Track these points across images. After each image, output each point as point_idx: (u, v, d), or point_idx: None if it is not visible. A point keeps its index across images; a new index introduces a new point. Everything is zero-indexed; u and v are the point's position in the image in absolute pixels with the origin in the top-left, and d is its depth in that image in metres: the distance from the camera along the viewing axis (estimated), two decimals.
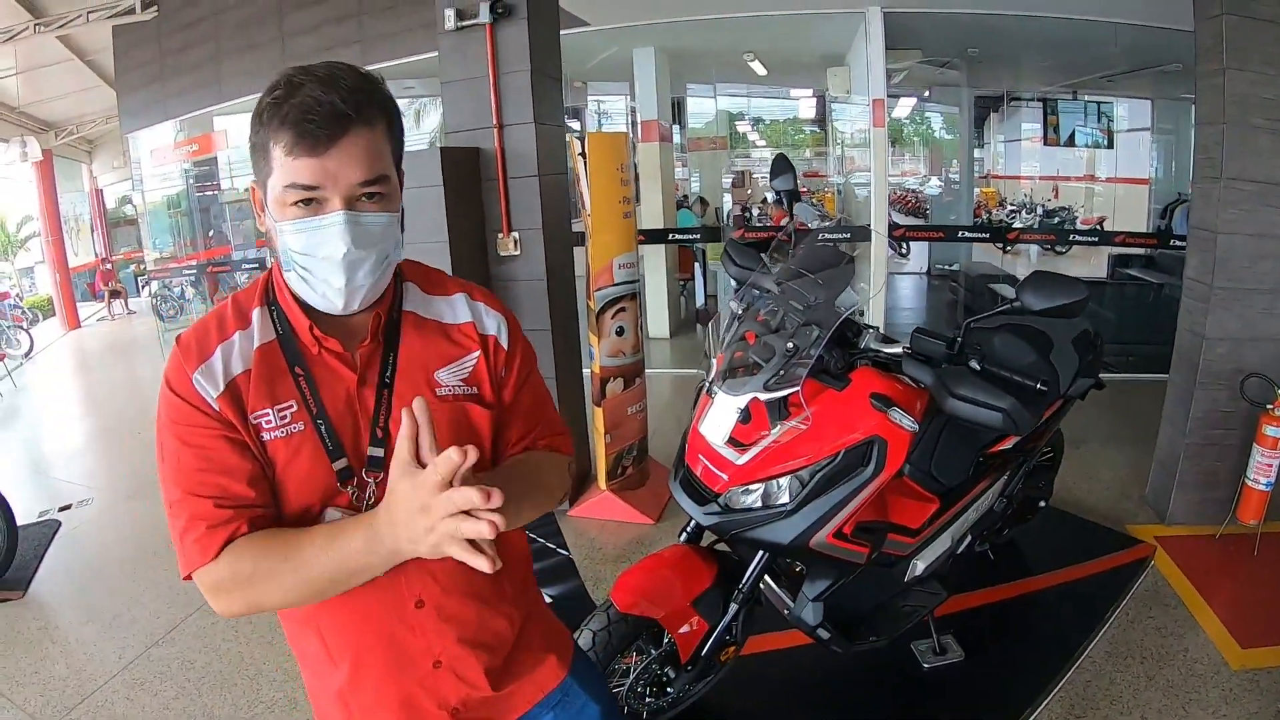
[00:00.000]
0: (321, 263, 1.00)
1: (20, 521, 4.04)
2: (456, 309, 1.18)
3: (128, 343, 11.67)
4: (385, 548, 0.93)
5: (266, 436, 1.03)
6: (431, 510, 0.86)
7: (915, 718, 2.55)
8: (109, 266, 14.92)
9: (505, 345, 1.18)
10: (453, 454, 0.83)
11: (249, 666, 3.02)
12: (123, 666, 3.09)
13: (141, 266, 12.92)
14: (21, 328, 11.66)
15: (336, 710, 1.15)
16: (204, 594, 1.01)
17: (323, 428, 1.05)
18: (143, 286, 14.88)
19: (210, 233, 9.59)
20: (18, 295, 14.36)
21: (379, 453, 1.06)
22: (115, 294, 14.63)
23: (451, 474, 0.85)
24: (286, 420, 1.03)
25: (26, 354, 10.97)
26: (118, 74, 8.46)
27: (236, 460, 1.01)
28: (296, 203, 0.97)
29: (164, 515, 1.02)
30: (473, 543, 0.86)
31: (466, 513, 0.85)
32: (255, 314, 1.09)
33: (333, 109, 0.94)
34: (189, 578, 1.01)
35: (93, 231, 17.02)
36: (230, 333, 1.06)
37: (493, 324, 1.18)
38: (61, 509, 4.79)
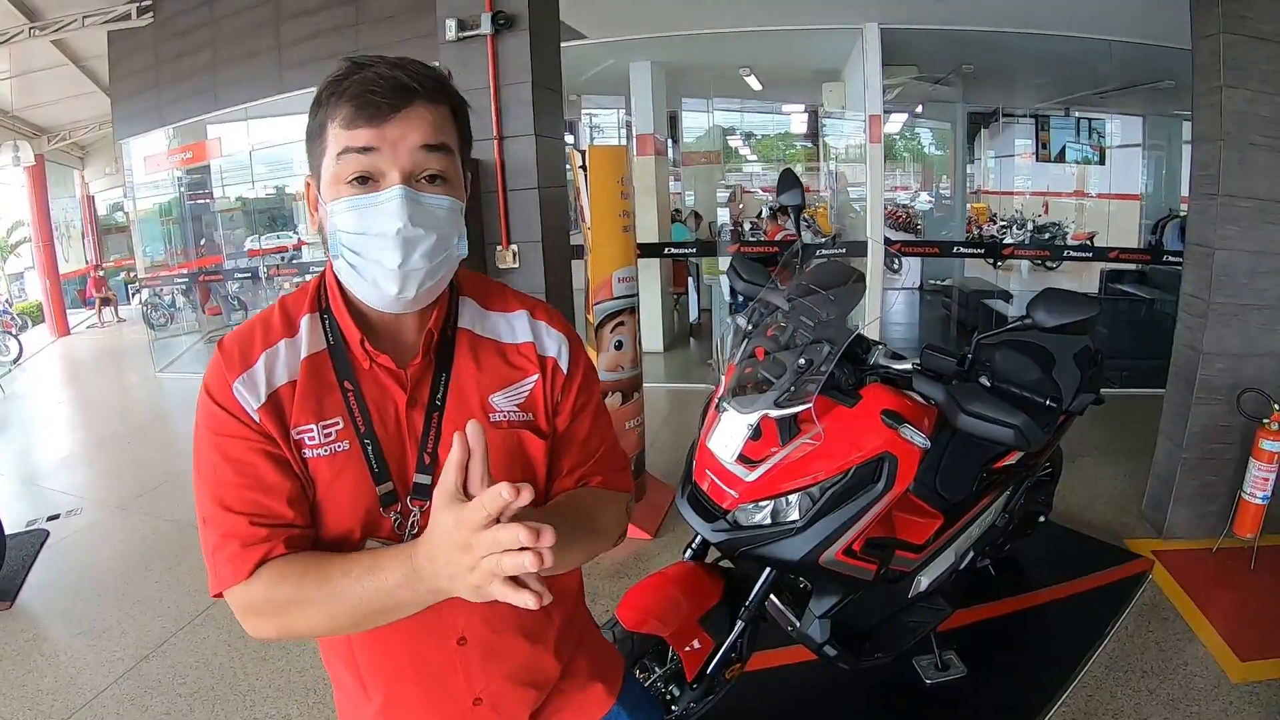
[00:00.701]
0: (374, 240, 0.92)
1: (8, 530, 3.99)
2: (516, 328, 1.10)
3: (118, 351, 11.59)
4: (424, 585, 0.84)
5: (309, 454, 0.96)
6: (474, 549, 0.76)
7: None
8: (100, 274, 14.85)
9: (565, 368, 1.10)
10: (504, 491, 0.73)
11: (241, 682, 2.98)
12: (112, 680, 3.04)
13: (132, 274, 12.86)
14: (11, 334, 11.57)
15: None
16: (235, 614, 0.96)
17: (369, 448, 0.98)
18: (133, 294, 14.82)
19: (202, 241, 9.57)
20: (7, 301, 14.29)
21: (425, 479, 0.99)
22: (106, 301, 14.55)
23: (500, 512, 0.75)
24: (331, 438, 0.97)
25: (15, 360, 10.88)
26: (112, 80, 8.46)
27: (276, 477, 0.94)
28: (352, 180, 0.91)
29: (156, 526, 1.01)
30: (516, 579, 0.77)
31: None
32: (304, 321, 1.01)
33: (397, 81, 0.90)
34: (219, 595, 0.95)
35: (84, 238, 16.94)
36: (275, 340, 0.99)
37: (553, 345, 1.11)
38: (50, 518, 4.72)
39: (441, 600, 0.87)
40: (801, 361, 1.81)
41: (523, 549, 0.74)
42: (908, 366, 1.97)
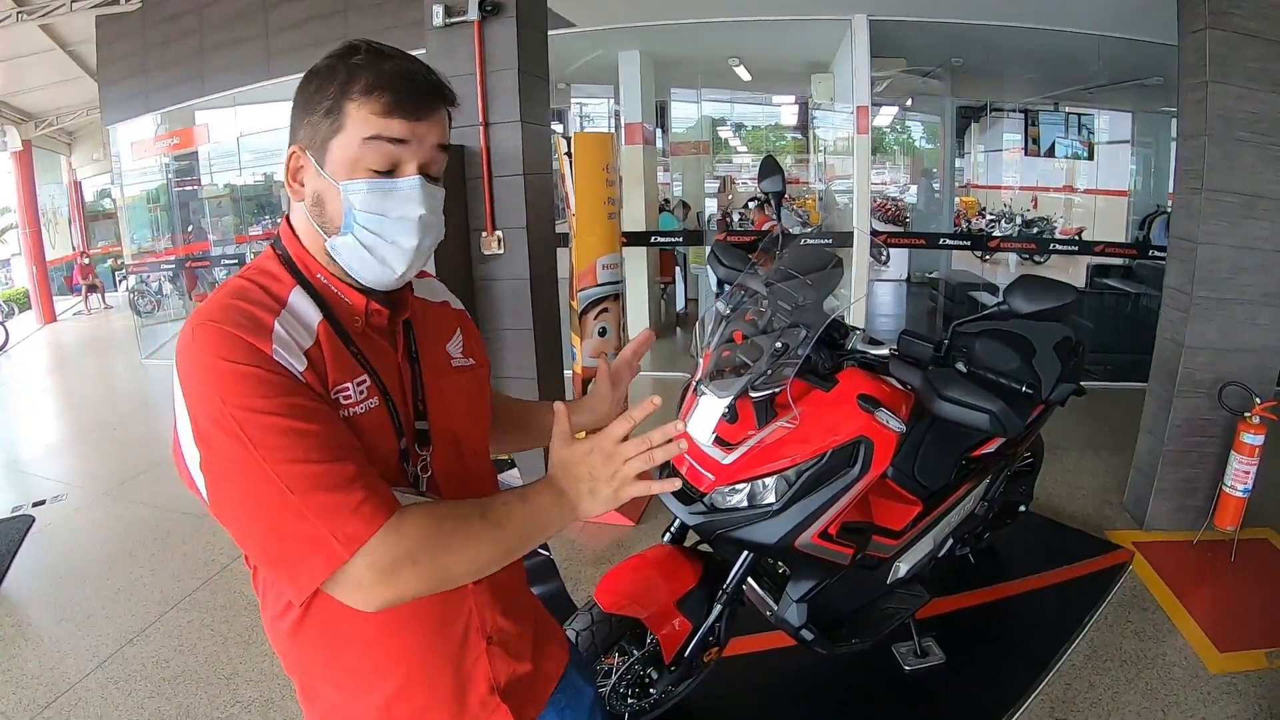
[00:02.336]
0: (395, 223, 0.99)
1: None
2: (434, 288, 1.25)
3: (105, 338, 11.52)
4: (567, 501, 1.00)
5: (346, 413, 0.95)
6: (616, 456, 0.98)
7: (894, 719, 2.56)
8: (87, 260, 14.74)
9: (470, 319, 1.28)
10: (655, 399, 1.01)
11: (225, 666, 2.98)
12: (97, 664, 3.04)
13: (119, 261, 12.78)
14: None
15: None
16: (370, 581, 0.87)
17: (390, 403, 1.02)
18: (120, 281, 14.72)
19: (189, 228, 9.51)
20: None
21: (424, 425, 1.06)
22: (93, 288, 14.45)
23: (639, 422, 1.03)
24: (364, 395, 0.98)
25: (2, 347, 10.81)
26: (100, 65, 8.38)
27: (341, 422, 0.94)
28: (376, 168, 0.96)
29: (141, 512, 0.98)
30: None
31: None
32: (294, 294, 0.99)
33: (435, 83, 0.99)
34: (313, 585, 0.88)
35: (70, 224, 16.80)
36: (277, 309, 0.95)
37: (458, 302, 1.28)
38: (35, 504, 4.71)
39: (574, 520, 1.01)
40: (778, 345, 1.81)
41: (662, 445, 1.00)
42: (885, 352, 1.98)
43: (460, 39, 3.67)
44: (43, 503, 4.74)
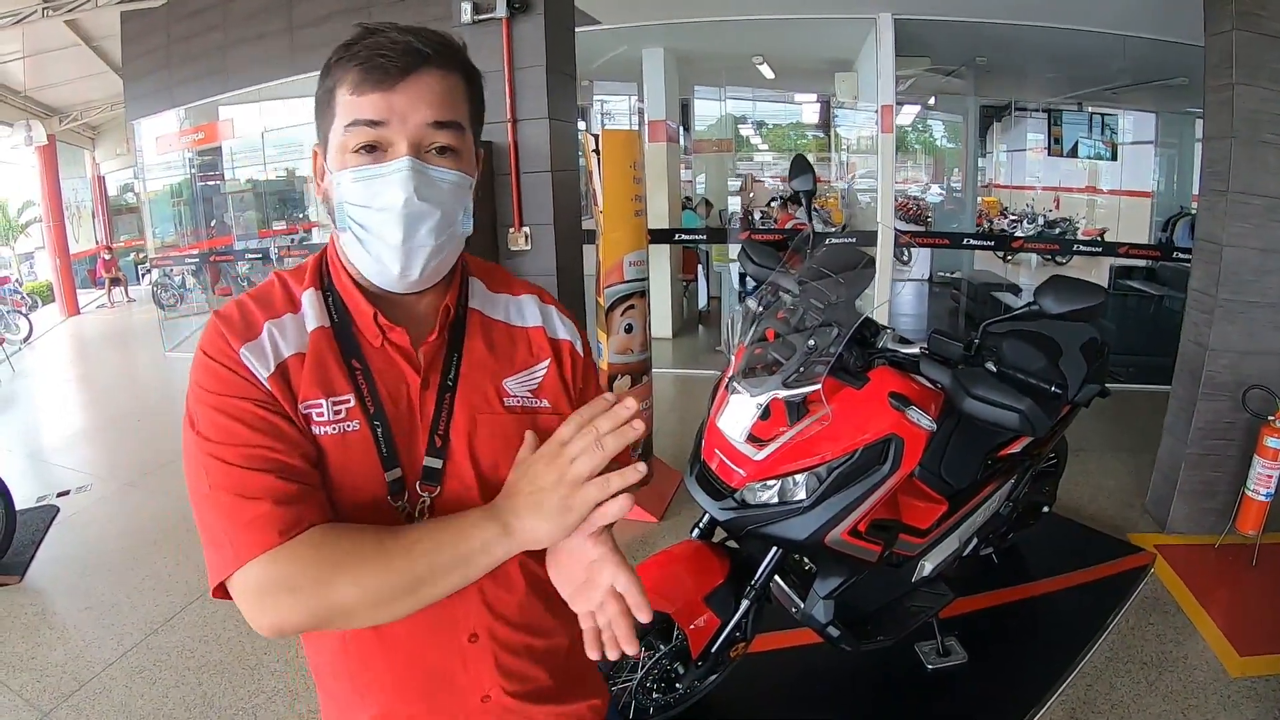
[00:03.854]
0: (379, 215, 0.88)
1: (18, 506, 4.02)
2: (525, 311, 1.07)
3: (127, 331, 11.64)
4: (500, 520, 0.84)
5: (317, 431, 0.89)
6: (560, 456, 0.84)
7: (919, 718, 2.57)
8: (110, 254, 14.89)
9: (582, 353, 1.09)
10: (602, 401, 0.85)
11: (249, 656, 3.02)
12: (121, 654, 3.08)
13: (142, 255, 12.89)
14: (21, 313, 11.61)
15: None
16: (250, 602, 0.82)
17: (379, 430, 0.91)
18: (143, 275, 14.85)
19: (212, 222, 9.59)
20: (18, 280, 14.32)
21: (436, 464, 0.93)
22: (115, 281, 14.59)
23: (586, 421, 0.84)
24: (341, 416, 0.90)
25: (26, 339, 10.93)
26: (125, 60, 8.46)
27: (297, 436, 0.87)
28: (359, 149, 0.87)
29: (164, 503, 0.96)
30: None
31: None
32: (306, 297, 0.96)
33: (407, 46, 0.86)
34: (219, 587, 0.84)
35: (94, 218, 16.95)
36: (279, 313, 0.93)
37: (566, 330, 1.08)
38: (60, 495, 4.77)
39: (515, 546, 0.84)
40: (811, 343, 1.83)
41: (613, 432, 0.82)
42: (915, 351, 1.99)
43: (488, 36, 3.69)
44: (67, 493, 4.81)
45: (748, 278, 2.37)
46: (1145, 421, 4.57)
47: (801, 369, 1.84)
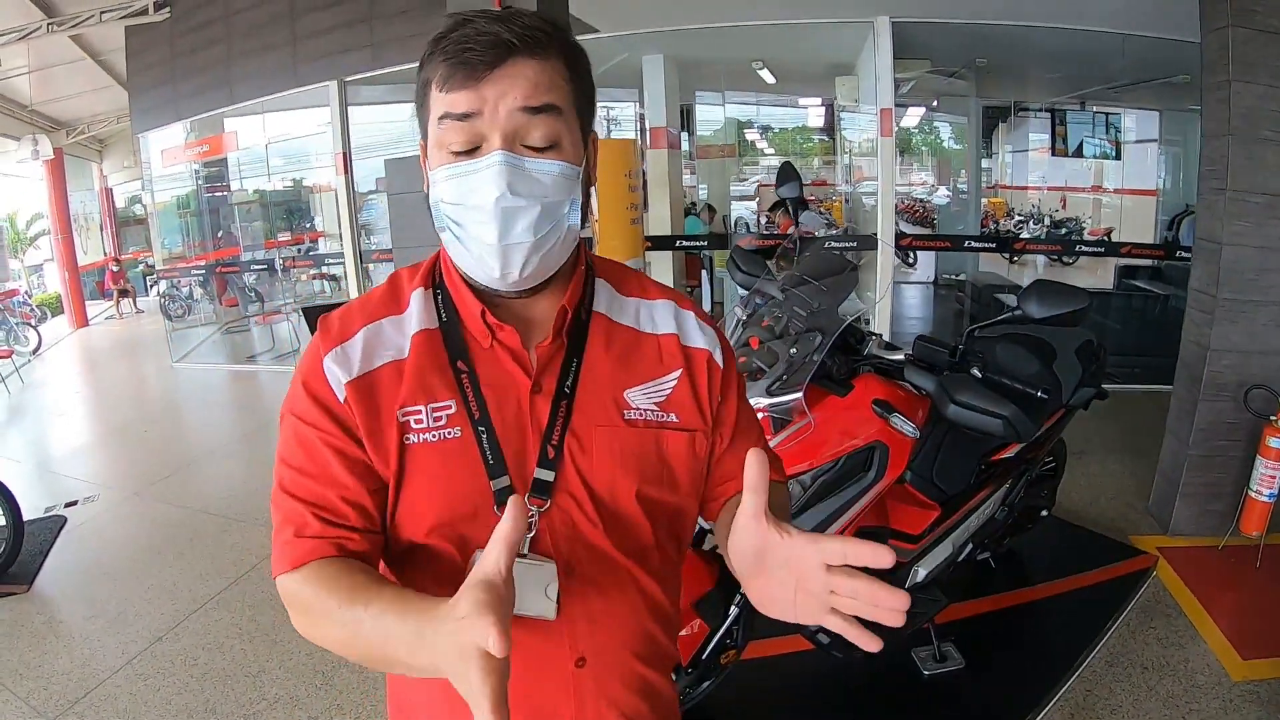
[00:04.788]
0: (473, 213, 0.84)
1: (26, 516, 4.06)
2: (657, 317, 1.00)
3: (135, 342, 11.72)
4: (424, 649, 0.69)
5: (413, 439, 0.86)
6: (468, 658, 0.61)
7: None
8: (118, 266, 15.01)
9: (721, 364, 1.00)
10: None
11: (252, 664, 3.04)
12: (126, 661, 3.11)
13: (150, 266, 12.99)
14: (30, 325, 11.74)
15: None
16: (284, 604, 0.87)
17: (484, 437, 0.87)
18: (151, 286, 14.97)
19: (219, 233, 9.67)
20: (27, 293, 14.46)
21: (548, 476, 0.88)
22: (124, 293, 14.71)
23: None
24: (441, 422, 0.87)
25: (34, 351, 11.03)
26: (130, 74, 8.55)
27: (345, 475, 0.86)
28: (456, 151, 0.84)
29: (170, 513, 0.98)
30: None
31: None
32: (415, 296, 0.94)
33: (496, 38, 0.81)
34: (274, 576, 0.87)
35: (102, 230, 17.12)
36: (378, 315, 0.92)
37: (704, 339, 1.00)
38: (67, 505, 4.81)
39: (434, 677, 0.69)
40: (793, 351, 1.83)
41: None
42: (900, 357, 1.99)
43: None
44: (74, 503, 4.85)
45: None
46: (1149, 423, 4.53)
47: (785, 376, 1.84)
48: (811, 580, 0.72)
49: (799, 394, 1.83)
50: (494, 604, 0.62)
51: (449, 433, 0.87)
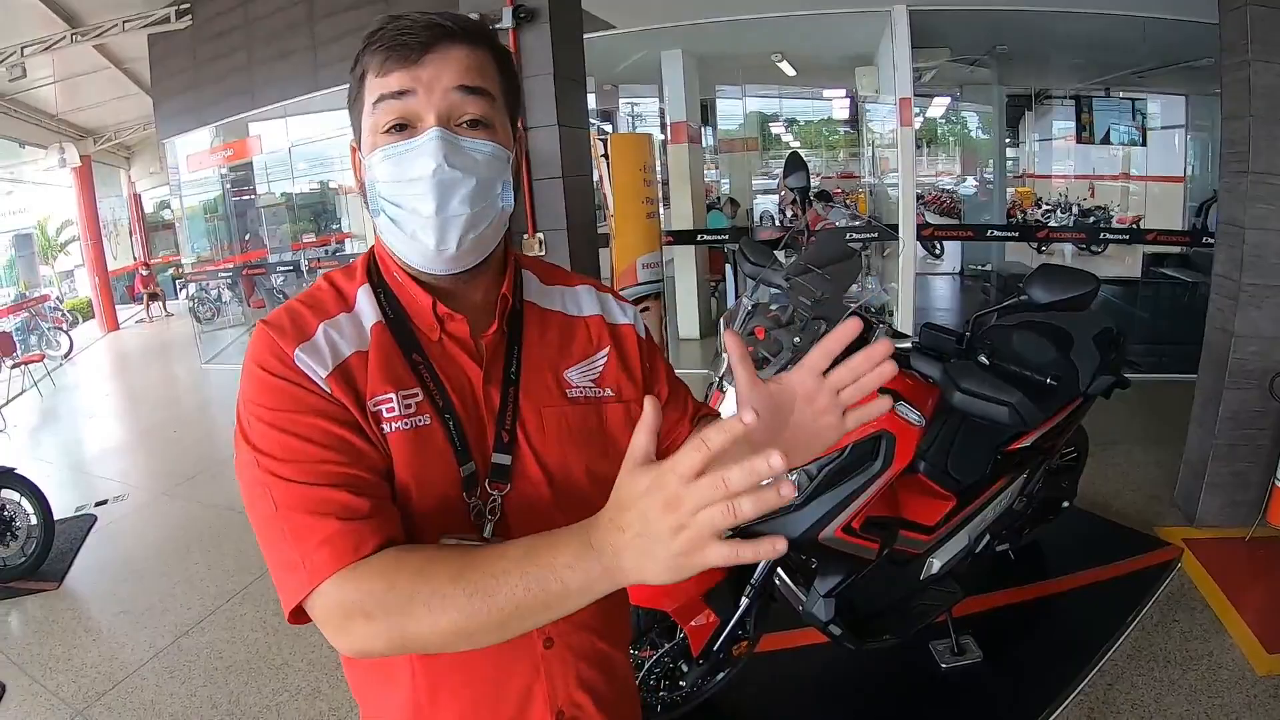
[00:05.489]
0: (409, 187, 0.85)
1: (57, 516, 4.17)
2: (581, 301, 1.05)
3: (165, 344, 11.94)
4: (602, 563, 0.66)
5: (388, 428, 0.85)
6: (685, 502, 0.60)
7: (932, 717, 2.54)
8: (147, 270, 15.25)
9: (642, 334, 1.06)
10: (745, 416, 0.61)
11: (275, 657, 3.09)
12: (153, 655, 3.17)
13: (179, 270, 13.20)
14: (61, 329, 11.96)
15: None
16: (329, 626, 0.77)
17: (450, 423, 0.88)
18: (180, 289, 15.20)
19: (246, 236, 9.80)
20: (58, 298, 14.72)
21: (505, 460, 0.90)
22: (154, 297, 14.94)
23: (720, 453, 0.60)
24: (411, 410, 0.87)
25: (66, 355, 11.25)
26: (154, 82, 8.68)
27: (362, 445, 0.83)
28: (390, 129, 0.85)
29: (197, 511, 0.91)
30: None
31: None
32: (361, 292, 0.94)
33: (430, 22, 0.84)
34: (295, 611, 0.79)
35: (131, 235, 17.40)
36: (332, 313, 0.91)
37: (624, 315, 1.05)
38: (98, 504, 4.92)
39: (617, 587, 0.68)
40: (798, 339, 1.82)
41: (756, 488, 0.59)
42: (906, 345, 1.97)
43: None
44: (105, 502, 4.95)
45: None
46: (1176, 412, 4.45)
47: (789, 365, 1.83)
48: (820, 397, 0.82)
49: None
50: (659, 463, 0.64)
51: (420, 420, 0.87)
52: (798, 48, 8.10)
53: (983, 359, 1.90)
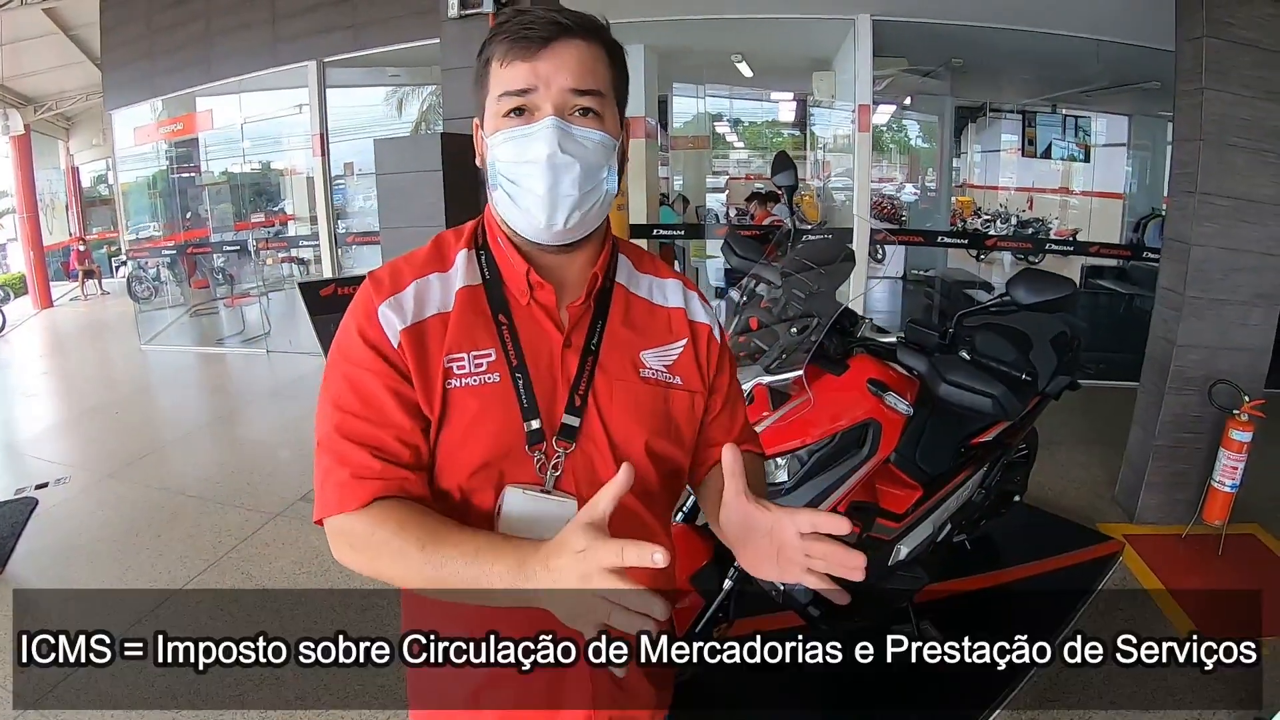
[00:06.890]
0: (526, 168, 0.95)
1: None
2: (668, 293, 1.13)
3: (102, 323, 11.51)
4: (526, 585, 0.82)
5: (456, 383, 0.97)
6: (591, 582, 0.75)
7: (890, 700, 2.63)
8: (83, 246, 14.71)
9: (719, 339, 1.15)
10: (656, 555, 0.73)
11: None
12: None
13: (116, 247, 12.76)
14: None
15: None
16: (331, 542, 0.96)
17: (520, 382, 0.98)
18: (117, 267, 14.69)
19: (188, 215, 9.50)
20: None
21: (574, 421, 1.00)
22: (89, 274, 14.42)
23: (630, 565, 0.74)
24: (482, 368, 0.98)
25: None
26: (104, 49, 8.38)
27: (401, 417, 0.96)
28: (509, 114, 0.96)
29: (145, 494, 1.00)
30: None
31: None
32: (460, 256, 1.04)
33: (551, 19, 0.94)
34: (320, 522, 0.96)
35: (68, 210, 16.76)
36: (427, 271, 1.02)
37: (705, 315, 1.14)
38: (38, 487, 4.72)
39: (533, 605, 0.83)
40: (793, 331, 1.89)
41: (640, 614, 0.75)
42: (893, 339, 2.05)
43: (475, 30, 3.71)
44: (46, 485, 4.76)
45: (731, 273, 2.41)
46: (1115, 416, 4.65)
47: (784, 356, 1.90)
48: (790, 547, 0.88)
49: (799, 372, 1.89)
50: (607, 537, 0.77)
51: (489, 378, 0.98)
52: (758, 49, 8.18)
53: (964, 354, 1.99)
